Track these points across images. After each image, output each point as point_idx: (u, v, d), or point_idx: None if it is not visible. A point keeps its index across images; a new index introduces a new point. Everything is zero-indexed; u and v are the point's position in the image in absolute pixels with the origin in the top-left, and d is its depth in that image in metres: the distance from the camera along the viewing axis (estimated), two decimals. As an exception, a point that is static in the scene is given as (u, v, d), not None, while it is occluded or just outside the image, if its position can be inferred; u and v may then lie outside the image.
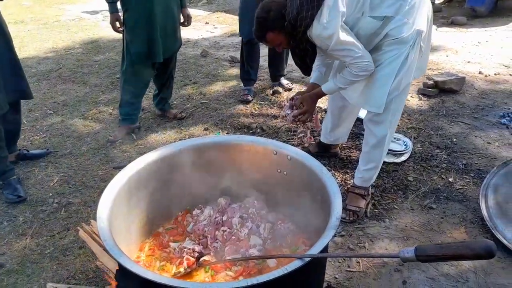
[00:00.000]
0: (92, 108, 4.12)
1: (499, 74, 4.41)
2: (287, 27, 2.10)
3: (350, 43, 2.07)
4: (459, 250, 0.90)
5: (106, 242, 1.16)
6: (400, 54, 2.16)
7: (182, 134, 3.51)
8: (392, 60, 2.17)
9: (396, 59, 2.16)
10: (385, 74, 2.20)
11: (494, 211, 2.28)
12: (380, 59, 2.20)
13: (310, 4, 2.02)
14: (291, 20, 2.06)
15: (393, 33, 2.12)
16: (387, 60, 2.18)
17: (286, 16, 2.09)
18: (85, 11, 8.98)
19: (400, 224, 2.40)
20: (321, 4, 2.02)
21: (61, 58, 5.66)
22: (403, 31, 2.11)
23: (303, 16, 2.04)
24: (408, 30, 2.12)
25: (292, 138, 3.32)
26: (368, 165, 2.44)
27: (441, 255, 0.92)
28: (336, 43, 2.05)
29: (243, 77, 4.12)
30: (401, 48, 2.15)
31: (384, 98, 2.22)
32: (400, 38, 2.12)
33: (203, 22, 7.47)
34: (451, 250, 0.92)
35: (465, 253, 0.89)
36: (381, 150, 2.40)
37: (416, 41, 2.16)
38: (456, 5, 7.54)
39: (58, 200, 2.74)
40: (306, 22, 2.05)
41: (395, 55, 2.16)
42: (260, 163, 1.82)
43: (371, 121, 2.34)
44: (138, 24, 3.11)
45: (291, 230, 1.80)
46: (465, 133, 3.29)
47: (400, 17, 2.10)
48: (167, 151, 1.79)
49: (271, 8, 2.13)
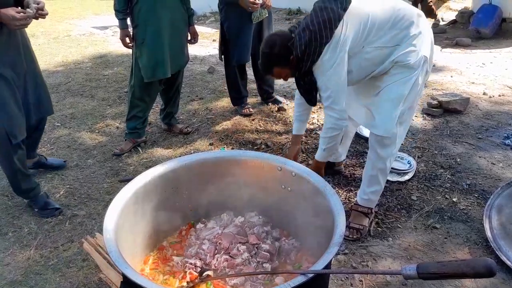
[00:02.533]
0: (99, 122, 4.17)
1: (504, 95, 4.43)
2: (292, 61, 2.15)
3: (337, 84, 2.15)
4: (460, 268, 0.91)
5: (112, 254, 1.18)
6: (408, 79, 2.18)
7: (187, 149, 3.54)
8: (399, 84, 2.19)
9: (405, 84, 2.18)
10: (393, 98, 2.21)
11: (498, 232, 2.28)
12: (387, 80, 2.23)
13: (319, 41, 2.07)
14: (298, 54, 2.11)
15: (400, 59, 2.16)
16: (395, 82, 2.20)
17: (291, 49, 2.13)
18: (95, 26, 9.15)
19: (403, 243, 2.39)
20: (329, 41, 2.07)
21: (70, 72, 5.76)
22: (410, 58, 2.15)
23: (311, 51, 2.09)
24: (415, 57, 2.15)
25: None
26: (374, 187, 2.44)
27: (442, 273, 0.93)
28: (327, 79, 2.14)
29: (236, 97, 4.16)
30: (409, 73, 2.18)
31: (393, 122, 2.22)
32: (407, 64, 2.15)
33: (211, 39, 7.58)
34: (452, 268, 0.92)
35: (466, 271, 0.90)
36: (386, 172, 2.41)
37: (423, 67, 2.21)
38: (461, 26, 7.61)
39: (63, 212, 2.76)
40: (313, 58, 2.10)
41: (403, 79, 2.18)
42: (264, 178, 1.84)
43: (378, 143, 2.31)
44: (147, 39, 3.18)
45: (295, 246, 1.81)
46: (469, 153, 3.29)
47: (405, 45, 2.14)
48: (172, 165, 1.81)
49: (276, 43, 2.17)
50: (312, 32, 2.07)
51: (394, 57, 2.16)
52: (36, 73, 2.66)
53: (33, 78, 2.61)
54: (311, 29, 2.08)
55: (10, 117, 2.40)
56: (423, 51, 2.19)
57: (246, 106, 4.13)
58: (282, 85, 4.90)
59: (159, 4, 3.11)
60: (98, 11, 11.44)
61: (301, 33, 2.11)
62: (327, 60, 2.10)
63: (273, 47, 2.16)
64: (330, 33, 2.06)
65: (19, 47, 2.45)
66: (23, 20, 2.16)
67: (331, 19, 2.07)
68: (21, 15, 2.14)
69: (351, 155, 3.32)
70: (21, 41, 2.47)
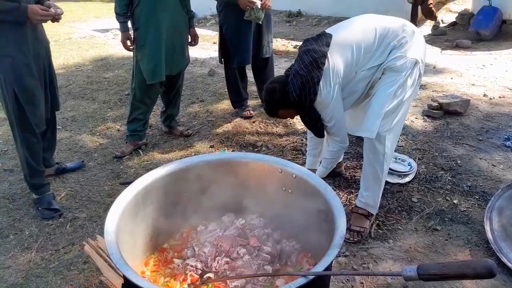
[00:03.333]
0: (100, 124, 4.18)
1: (504, 97, 4.43)
2: (294, 102, 2.30)
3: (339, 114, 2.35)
4: (461, 269, 0.91)
5: (113, 256, 1.18)
6: (396, 81, 2.25)
7: (188, 151, 3.55)
8: (388, 86, 2.27)
9: (391, 86, 2.26)
10: (380, 100, 2.28)
11: (499, 234, 2.28)
12: (376, 85, 2.33)
13: (311, 81, 2.21)
14: (295, 98, 2.26)
15: (387, 65, 2.26)
16: (383, 86, 2.28)
17: (289, 94, 2.28)
18: (95, 29, 9.18)
19: (404, 245, 2.39)
20: (320, 79, 2.22)
21: (71, 75, 5.78)
22: (397, 62, 2.24)
23: (306, 93, 2.24)
24: (402, 60, 2.24)
25: (297, 157, 3.35)
26: (373, 190, 2.44)
27: (443, 274, 0.93)
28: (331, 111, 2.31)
29: (237, 100, 4.17)
30: (397, 76, 2.25)
31: (377, 123, 2.25)
32: (394, 67, 2.25)
33: (211, 42, 7.60)
34: (452, 269, 0.93)
35: (467, 272, 0.90)
36: (381, 175, 2.40)
37: (413, 70, 2.27)
38: (461, 28, 7.62)
39: (64, 215, 2.76)
40: (310, 98, 2.25)
41: (391, 82, 2.26)
42: (265, 180, 1.84)
43: (370, 147, 2.34)
44: (147, 42, 3.20)
45: (296, 248, 1.81)
46: (469, 155, 3.29)
47: (392, 54, 2.26)
48: (173, 168, 1.81)
49: (275, 90, 2.34)
50: (303, 77, 2.21)
51: (383, 66, 2.27)
52: (52, 68, 2.82)
53: (49, 73, 2.78)
54: (301, 74, 2.23)
55: (35, 107, 2.61)
56: (410, 54, 2.26)
57: (247, 109, 4.14)
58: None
59: (159, 6, 3.13)
60: (99, 14, 11.48)
61: (293, 79, 2.27)
62: (325, 95, 2.26)
63: (273, 94, 2.35)
64: (320, 72, 2.22)
65: (42, 42, 2.66)
66: (44, 17, 2.47)
67: (316, 59, 2.21)
68: (43, 12, 2.45)
69: (352, 157, 3.33)
70: (43, 38, 2.69)
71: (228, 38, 3.82)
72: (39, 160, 2.76)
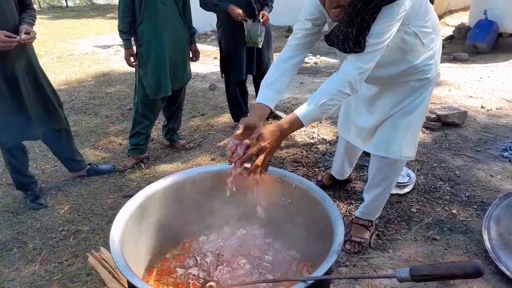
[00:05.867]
0: (102, 138, 4.24)
1: (501, 108, 4.49)
2: None
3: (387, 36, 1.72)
4: (450, 269, 0.95)
5: (119, 263, 1.21)
6: (424, 98, 2.15)
7: (189, 164, 3.59)
8: (417, 104, 2.15)
9: (421, 103, 2.15)
10: (414, 119, 2.17)
11: (497, 243, 2.30)
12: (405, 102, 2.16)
13: None
14: None
15: (423, 69, 2.06)
16: (413, 104, 2.15)
17: None
18: (97, 46, 9.32)
19: (403, 254, 2.42)
20: None
21: (74, 90, 5.86)
22: (430, 71, 2.09)
23: None
24: (434, 70, 2.12)
25: (297, 168, 3.39)
26: (378, 204, 2.47)
27: (434, 274, 0.97)
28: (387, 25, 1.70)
29: (237, 113, 4.24)
30: (424, 91, 2.14)
31: (415, 144, 2.22)
32: (427, 78, 2.10)
33: (212, 57, 7.72)
34: (442, 269, 0.96)
35: (456, 272, 0.94)
36: (391, 189, 2.43)
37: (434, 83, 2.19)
38: (458, 42, 7.74)
39: (67, 228, 2.79)
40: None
41: (420, 99, 2.15)
42: (265, 191, 1.87)
43: (391, 165, 2.27)
44: (151, 58, 3.27)
45: (296, 258, 1.84)
46: (468, 165, 3.33)
47: (430, 52, 2.05)
48: (176, 179, 1.85)
49: None
50: None
51: (418, 61, 2.03)
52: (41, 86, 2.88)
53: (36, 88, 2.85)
54: None
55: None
56: (439, 66, 2.16)
57: None
58: (282, 101, 4.97)
59: (162, 23, 3.21)
60: (101, 31, 11.66)
61: None
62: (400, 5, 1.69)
63: None
64: None
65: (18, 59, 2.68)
66: (7, 44, 2.46)
67: None
68: (5, 39, 2.44)
69: (353, 169, 3.36)
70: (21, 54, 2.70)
71: (226, 53, 3.93)
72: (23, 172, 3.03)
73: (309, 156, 3.59)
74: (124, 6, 3.19)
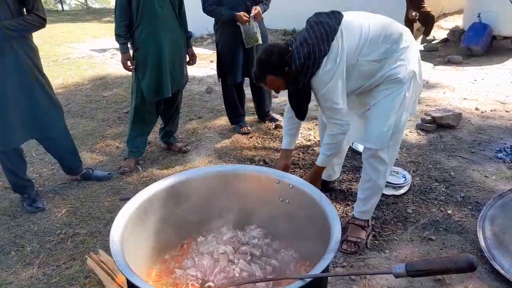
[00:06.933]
0: (99, 142, 4.24)
1: (495, 110, 4.54)
2: (287, 73, 2.19)
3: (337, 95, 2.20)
4: (444, 264, 0.97)
5: (119, 263, 1.23)
6: (398, 93, 2.27)
7: (186, 167, 3.60)
8: (390, 98, 2.28)
9: (395, 98, 2.28)
10: (384, 111, 2.30)
11: (492, 242, 2.33)
12: (377, 96, 2.33)
13: (318, 53, 2.11)
14: (297, 67, 2.13)
15: (390, 73, 2.26)
16: (385, 98, 2.29)
17: (288, 63, 2.17)
18: (93, 49, 9.31)
19: (400, 255, 2.44)
20: (327, 53, 2.13)
21: (70, 94, 5.85)
22: (399, 73, 2.25)
23: (310, 64, 2.12)
24: (404, 71, 2.26)
25: (294, 170, 3.41)
26: (369, 201, 2.50)
27: (429, 269, 0.99)
28: (327, 91, 2.19)
29: (234, 116, 4.26)
30: (399, 88, 2.27)
31: (386, 136, 2.30)
32: (397, 79, 2.25)
33: (208, 60, 7.74)
34: (437, 264, 0.99)
35: (450, 267, 0.96)
36: (381, 185, 2.47)
37: (410, 82, 2.30)
38: (452, 44, 7.80)
39: (65, 231, 2.79)
40: (312, 70, 2.14)
41: (393, 94, 2.28)
42: (263, 191, 1.90)
43: (373, 157, 2.37)
44: (148, 61, 3.29)
45: (294, 257, 1.86)
46: (462, 167, 3.37)
47: (394, 59, 2.24)
48: (173, 180, 1.87)
49: (274, 52, 2.20)
50: (311, 45, 2.11)
51: (384, 71, 2.26)
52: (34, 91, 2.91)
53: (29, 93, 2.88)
54: (309, 42, 2.12)
55: None
56: (411, 65, 2.29)
57: (244, 125, 4.22)
58: (279, 103, 5.00)
59: (159, 27, 3.23)
60: (97, 35, 11.65)
61: (299, 46, 2.15)
62: (326, 72, 2.13)
63: (271, 55, 2.18)
64: (328, 46, 2.12)
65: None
66: None
67: (327, 32, 2.13)
68: None
69: (348, 170, 3.39)
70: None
71: (223, 56, 3.95)
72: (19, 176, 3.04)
73: (305, 158, 3.61)
74: (121, 9, 3.20)
